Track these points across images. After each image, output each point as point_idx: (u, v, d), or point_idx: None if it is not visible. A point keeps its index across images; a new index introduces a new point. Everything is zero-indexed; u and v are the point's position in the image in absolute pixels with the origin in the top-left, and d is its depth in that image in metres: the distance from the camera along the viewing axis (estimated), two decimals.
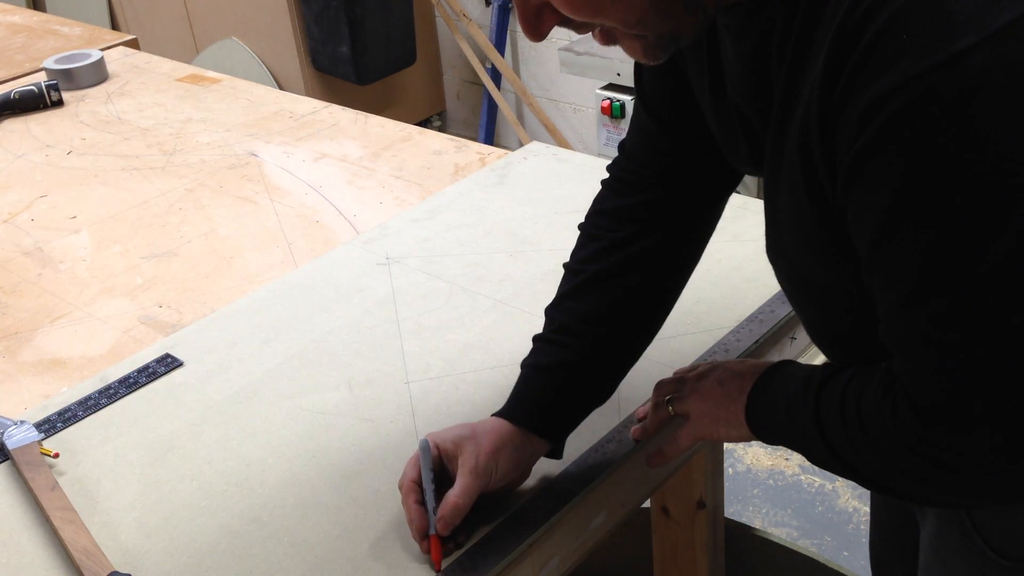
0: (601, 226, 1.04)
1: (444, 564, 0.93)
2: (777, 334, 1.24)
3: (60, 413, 1.18)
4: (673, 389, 1.00)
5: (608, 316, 1.00)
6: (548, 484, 1.02)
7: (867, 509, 2.29)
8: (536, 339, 1.02)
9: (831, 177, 0.73)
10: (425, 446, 0.96)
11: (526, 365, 1.01)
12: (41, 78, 2.16)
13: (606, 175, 1.07)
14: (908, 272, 0.70)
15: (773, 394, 0.90)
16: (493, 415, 0.99)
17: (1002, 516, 0.90)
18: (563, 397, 1.00)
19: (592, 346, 1.00)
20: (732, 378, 0.94)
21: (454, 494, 0.93)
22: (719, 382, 0.95)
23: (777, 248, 0.87)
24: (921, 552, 1.03)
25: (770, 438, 0.91)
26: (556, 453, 1.02)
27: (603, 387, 1.03)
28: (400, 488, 0.97)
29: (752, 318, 1.24)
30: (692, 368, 1.03)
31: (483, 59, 3.60)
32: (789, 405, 0.87)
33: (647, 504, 1.46)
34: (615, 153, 1.07)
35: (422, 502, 0.95)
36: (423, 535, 0.94)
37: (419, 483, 0.96)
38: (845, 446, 0.82)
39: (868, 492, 2.31)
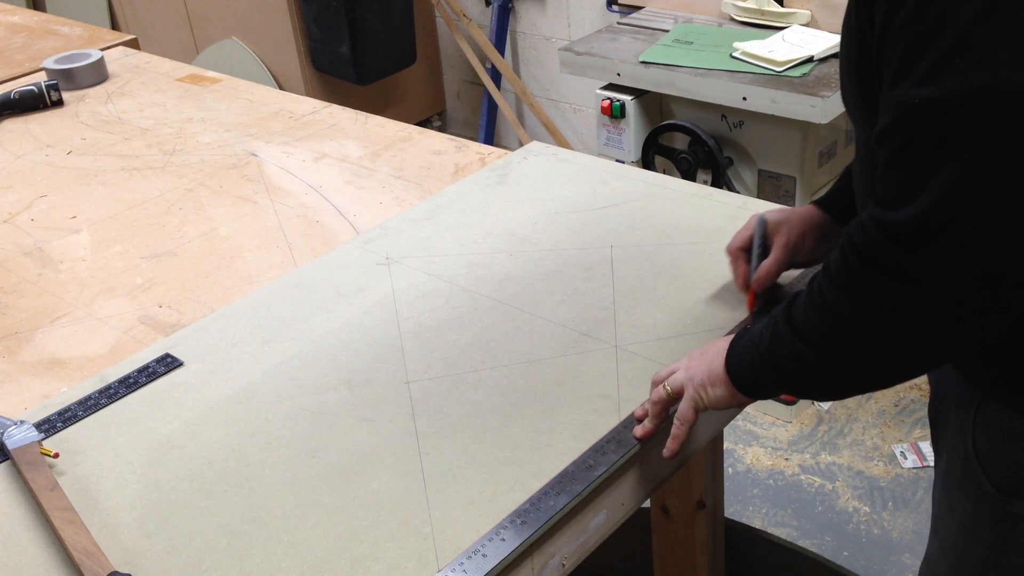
0: None
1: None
2: None
3: (60, 413, 1.18)
4: (666, 374, 1.07)
5: None
6: (548, 484, 1.02)
7: (867, 509, 2.29)
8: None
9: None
10: (762, 221, 1.23)
11: (848, 167, 1.19)
12: (41, 78, 2.16)
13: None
14: (897, 55, 0.81)
15: (749, 335, 1.00)
16: (811, 202, 1.23)
17: (1003, 450, 1.00)
18: None
19: None
20: (712, 346, 1.05)
21: (768, 262, 1.21)
22: (702, 352, 1.06)
23: (843, 89, 1.02)
24: (933, 490, 1.17)
25: (746, 378, 0.99)
26: None
27: None
28: (729, 252, 1.25)
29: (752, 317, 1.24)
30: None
31: (483, 59, 3.60)
32: (763, 328, 0.97)
33: (647, 504, 1.46)
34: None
35: (748, 262, 1.23)
36: (745, 288, 1.24)
37: (745, 250, 1.23)
38: (810, 316, 0.90)
39: (868, 492, 2.31)
